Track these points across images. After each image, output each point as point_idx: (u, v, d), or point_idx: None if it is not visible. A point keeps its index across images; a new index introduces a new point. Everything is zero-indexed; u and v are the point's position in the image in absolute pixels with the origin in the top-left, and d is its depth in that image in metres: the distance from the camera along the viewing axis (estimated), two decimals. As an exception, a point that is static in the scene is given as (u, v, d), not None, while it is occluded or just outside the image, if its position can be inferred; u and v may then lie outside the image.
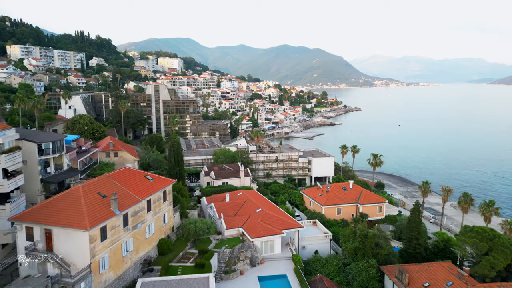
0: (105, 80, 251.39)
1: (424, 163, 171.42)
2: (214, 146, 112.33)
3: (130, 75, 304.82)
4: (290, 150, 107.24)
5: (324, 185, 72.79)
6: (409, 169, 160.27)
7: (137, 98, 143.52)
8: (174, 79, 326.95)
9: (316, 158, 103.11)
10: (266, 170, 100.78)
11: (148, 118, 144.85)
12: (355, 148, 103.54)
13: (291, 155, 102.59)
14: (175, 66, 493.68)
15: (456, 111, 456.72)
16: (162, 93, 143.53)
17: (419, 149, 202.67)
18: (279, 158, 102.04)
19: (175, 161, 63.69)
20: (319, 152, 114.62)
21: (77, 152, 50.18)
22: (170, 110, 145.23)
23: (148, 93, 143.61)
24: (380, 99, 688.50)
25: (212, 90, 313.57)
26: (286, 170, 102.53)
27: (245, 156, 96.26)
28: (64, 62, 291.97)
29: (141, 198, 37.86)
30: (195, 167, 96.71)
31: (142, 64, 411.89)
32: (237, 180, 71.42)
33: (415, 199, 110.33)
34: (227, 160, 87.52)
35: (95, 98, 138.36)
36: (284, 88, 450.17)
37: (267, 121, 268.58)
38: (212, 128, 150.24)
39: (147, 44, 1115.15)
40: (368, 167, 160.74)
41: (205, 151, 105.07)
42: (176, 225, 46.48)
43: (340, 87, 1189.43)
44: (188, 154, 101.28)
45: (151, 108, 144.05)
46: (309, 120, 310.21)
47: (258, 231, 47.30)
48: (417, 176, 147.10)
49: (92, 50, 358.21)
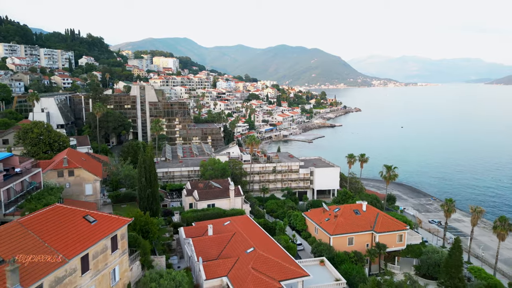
0: (93, 80, 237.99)
1: (432, 169, 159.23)
2: (203, 155, 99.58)
3: (121, 74, 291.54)
4: (290, 159, 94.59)
5: (332, 207, 60.20)
6: (417, 176, 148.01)
7: (121, 99, 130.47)
8: (168, 79, 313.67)
9: (319, 168, 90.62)
10: (262, 182, 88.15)
11: (133, 122, 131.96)
12: (363, 157, 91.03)
13: (290, 165, 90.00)
14: (170, 66, 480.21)
15: (457, 111, 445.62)
16: (149, 94, 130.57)
17: (425, 153, 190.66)
18: (277, 169, 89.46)
19: (146, 181, 50.88)
20: (322, 160, 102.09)
21: (6, 176, 37.42)
22: (158, 113, 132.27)
23: (133, 94, 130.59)
24: (379, 99, 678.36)
25: (207, 90, 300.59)
26: (285, 182, 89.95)
27: (238, 167, 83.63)
28: (51, 61, 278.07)
29: (68, 258, 25.07)
30: (180, 180, 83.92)
31: (135, 64, 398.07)
32: (226, 201, 58.75)
33: (431, 214, 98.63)
34: (216, 173, 74.84)
35: (74, 100, 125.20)
36: (282, 88, 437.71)
37: (264, 123, 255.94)
38: (204, 132, 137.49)
39: (145, 44, 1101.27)
40: (375, 175, 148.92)
41: (192, 160, 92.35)
42: (135, 279, 33.76)
43: (338, 87, 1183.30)
44: (173, 164, 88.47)
45: (136, 110, 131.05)
46: (308, 122, 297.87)
47: (247, 285, 34.67)
48: (427, 185, 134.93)
49: (82, 49, 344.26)
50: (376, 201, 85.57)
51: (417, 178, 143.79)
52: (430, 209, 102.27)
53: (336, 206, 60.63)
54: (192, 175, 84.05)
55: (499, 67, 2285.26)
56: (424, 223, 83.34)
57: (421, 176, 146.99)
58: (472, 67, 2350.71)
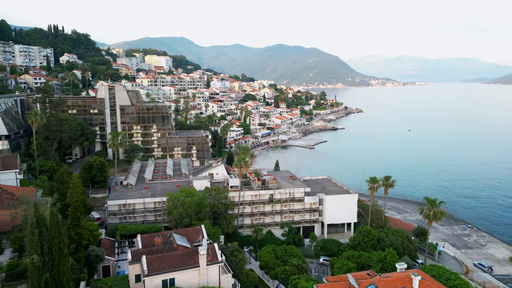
0: (71, 80, 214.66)
1: (454, 183, 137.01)
2: (180, 176, 77.14)
3: (105, 73, 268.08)
4: (291, 182, 72.36)
5: (362, 280, 38.13)
6: (439, 192, 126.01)
7: (85, 103, 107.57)
8: (156, 78, 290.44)
9: (331, 196, 68.57)
10: (256, 216, 66.02)
11: (102, 130, 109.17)
12: (388, 181, 69.09)
13: (293, 193, 67.82)
14: (162, 65, 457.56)
15: (464, 111, 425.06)
16: (119, 96, 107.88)
17: (442, 163, 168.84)
18: (275, 197, 67.29)
19: (44, 258, 28.43)
20: (331, 182, 79.97)
21: None
22: (130, 119, 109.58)
23: (101, 97, 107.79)
24: (379, 99, 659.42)
25: (199, 90, 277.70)
26: (286, 214, 67.80)
27: (222, 196, 61.46)
28: (27, 59, 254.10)
29: None
30: (143, 217, 61.57)
31: (124, 62, 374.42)
32: (194, 273, 36.56)
33: (473, 252, 76.56)
34: (188, 211, 52.67)
35: (27, 104, 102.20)
36: (280, 88, 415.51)
37: (261, 126, 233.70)
38: (189, 142, 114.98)
39: (141, 43, 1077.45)
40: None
41: (163, 185, 69.91)
42: None
43: (336, 87, 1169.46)
44: (135, 192, 66.01)
45: (105, 116, 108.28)
46: (309, 125, 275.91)
47: None
48: (454, 204, 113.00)
49: (66, 46, 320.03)
50: (409, 242, 63.74)
51: (440, 195, 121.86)
52: (469, 243, 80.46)
53: (369, 279, 38.40)
54: (161, 207, 61.79)
55: (495, 67, 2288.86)
56: (475, 275, 61.21)
57: (443, 192, 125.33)
58: (469, 66, 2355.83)
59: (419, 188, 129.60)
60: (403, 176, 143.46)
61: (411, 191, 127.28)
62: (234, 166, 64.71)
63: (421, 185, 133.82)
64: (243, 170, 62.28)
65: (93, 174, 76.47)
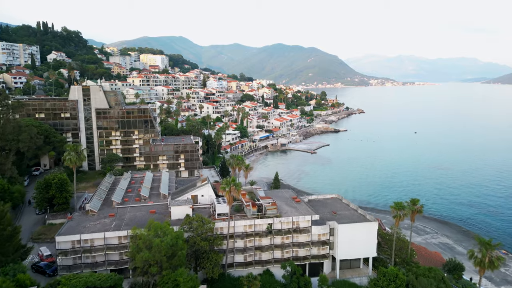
0: (54, 79, 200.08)
1: (475, 197, 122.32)
2: (157, 197, 62.95)
3: (95, 72, 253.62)
4: (295, 207, 58.27)
5: None
6: (457, 203, 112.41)
7: (55, 106, 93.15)
8: (149, 78, 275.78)
9: (344, 225, 54.53)
10: (249, 252, 52.03)
11: (75, 137, 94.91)
12: (416, 205, 55.10)
13: (297, 221, 53.80)
14: (158, 64, 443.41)
15: (471, 112, 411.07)
16: (95, 98, 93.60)
17: (456, 171, 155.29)
18: (275, 228, 53.30)
19: None
20: (342, 202, 65.98)
21: None
22: (108, 124, 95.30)
23: (73, 99, 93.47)
24: (380, 99, 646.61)
25: (194, 90, 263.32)
26: (288, 249, 53.80)
27: (207, 229, 47.46)
28: (11, 57, 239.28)
29: None
30: (104, 257, 47.46)
31: (117, 61, 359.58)
32: None
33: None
34: (157, 257, 38.68)
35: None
36: (279, 88, 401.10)
37: (259, 129, 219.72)
38: (176, 149, 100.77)
39: (140, 42, 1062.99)
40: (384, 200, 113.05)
41: (134, 211, 55.73)
42: None
43: (335, 86, 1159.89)
44: (97, 220, 51.87)
45: (77, 121, 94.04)
46: (309, 127, 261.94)
47: None
48: (480, 222, 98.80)
49: (55, 44, 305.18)
50: (445, 286, 49.85)
51: (462, 209, 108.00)
52: (509, 276, 66.71)
53: None
54: (127, 243, 47.61)
55: (494, 67, 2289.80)
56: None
57: (465, 204, 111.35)
58: (467, 66, 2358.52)
59: (434, 200, 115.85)
60: (414, 186, 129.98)
61: (426, 203, 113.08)
62: (221, 190, 50.51)
63: (436, 196, 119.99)
64: (233, 194, 48.18)
65: (51, 194, 62.41)
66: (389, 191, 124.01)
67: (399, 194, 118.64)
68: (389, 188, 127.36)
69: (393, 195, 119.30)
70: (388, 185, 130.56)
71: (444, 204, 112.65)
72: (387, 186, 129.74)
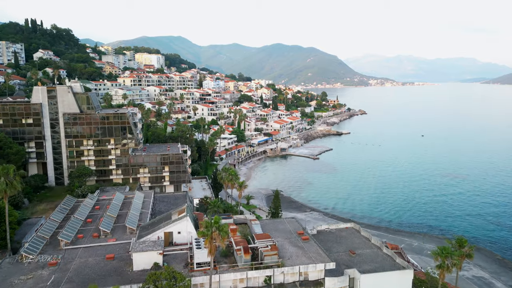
0: (36, 79, 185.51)
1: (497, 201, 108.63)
2: (122, 231, 48.48)
3: (83, 72, 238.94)
4: (301, 247, 43.99)
5: None
6: (477, 219, 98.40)
7: (15, 110, 78.81)
8: (141, 78, 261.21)
9: (369, 275, 40.34)
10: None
11: (39, 146, 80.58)
12: (463, 247, 41.07)
13: (305, 272, 39.60)
14: (153, 63, 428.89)
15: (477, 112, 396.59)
16: (63, 101, 79.33)
17: (469, 174, 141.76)
18: (276, 280, 39.10)
19: None
20: (361, 235, 51.86)
21: None
22: (78, 132, 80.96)
23: (36, 102, 79.12)
24: (379, 99, 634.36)
25: (189, 91, 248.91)
26: (294, 309, 39.51)
27: (181, 290, 33.07)
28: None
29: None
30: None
31: (110, 60, 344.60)
32: None
33: None
34: None
35: None
36: (278, 88, 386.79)
37: (257, 132, 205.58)
38: (161, 160, 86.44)
39: (138, 42, 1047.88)
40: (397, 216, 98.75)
41: (86, 256, 41.41)
42: None
43: (335, 86, 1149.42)
44: (31, 272, 37.47)
45: (42, 127, 79.67)
46: (311, 129, 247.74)
47: None
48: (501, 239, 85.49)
49: (43, 42, 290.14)
50: None
51: (491, 233, 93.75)
52: None
53: None
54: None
55: (493, 67, 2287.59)
56: None
57: (494, 226, 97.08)
58: (466, 66, 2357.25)
59: (455, 217, 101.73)
60: (430, 198, 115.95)
61: (446, 220, 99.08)
62: (200, 235, 36.09)
63: (457, 212, 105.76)
64: (217, 242, 34.07)
65: (-13, 227, 48.00)
66: (402, 206, 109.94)
67: (416, 211, 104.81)
68: (403, 202, 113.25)
69: (407, 211, 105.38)
70: (401, 198, 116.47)
71: (467, 222, 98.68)
72: (400, 199, 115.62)
